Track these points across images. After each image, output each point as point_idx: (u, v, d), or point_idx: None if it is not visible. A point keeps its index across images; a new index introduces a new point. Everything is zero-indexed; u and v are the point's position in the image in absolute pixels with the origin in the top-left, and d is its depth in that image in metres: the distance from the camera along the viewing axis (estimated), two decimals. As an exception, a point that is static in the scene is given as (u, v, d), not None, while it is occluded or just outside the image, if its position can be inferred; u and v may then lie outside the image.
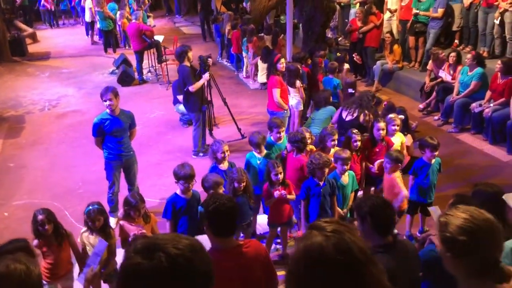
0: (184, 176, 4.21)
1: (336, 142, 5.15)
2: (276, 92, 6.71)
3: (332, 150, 5.10)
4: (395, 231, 4.80)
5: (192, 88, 6.86)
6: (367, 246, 1.38)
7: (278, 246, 5.14)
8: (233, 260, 2.63)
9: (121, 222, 4.29)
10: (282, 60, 6.86)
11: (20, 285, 1.74)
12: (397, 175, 4.82)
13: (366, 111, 5.69)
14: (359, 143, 5.16)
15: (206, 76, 7.07)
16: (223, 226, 2.68)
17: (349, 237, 1.35)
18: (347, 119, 5.78)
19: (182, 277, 1.22)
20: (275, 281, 2.86)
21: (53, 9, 19.58)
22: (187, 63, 6.99)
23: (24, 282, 1.74)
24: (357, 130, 5.40)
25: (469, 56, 7.86)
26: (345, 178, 4.76)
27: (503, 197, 2.74)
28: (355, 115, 5.70)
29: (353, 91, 7.03)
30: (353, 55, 10.43)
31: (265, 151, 5.16)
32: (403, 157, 4.85)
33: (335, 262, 1.30)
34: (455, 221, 1.82)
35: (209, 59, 7.22)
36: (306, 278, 1.34)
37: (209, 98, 7.41)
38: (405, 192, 4.77)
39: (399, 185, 4.76)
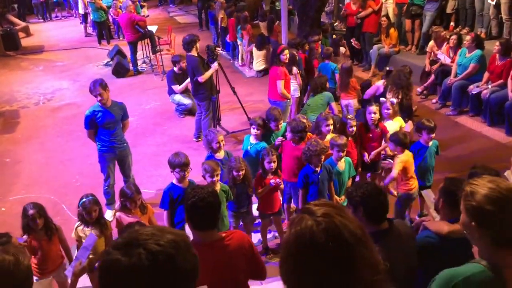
0: (179, 164, 4.18)
1: (331, 127, 5.10)
2: (281, 84, 6.62)
3: (328, 136, 5.05)
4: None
5: (202, 78, 6.76)
6: (360, 227, 1.36)
7: (276, 234, 5.11)
8: (214, 253, 2.59)
9: (118, 213, 4.26)
10: (286, 51, 6.74)
11: (9, 276, 1.71)
12: (402, 158, 4.74)
13: (406, 91, 5.78)
14: (354, 129, 5.11)
15: (215, 65, 6.96)
16: (202, 220, 2.65)
17: (340, 220, 1.32)
18: (392, 100, 5.74)
19: (163, 275, 1.17)
20: (261, 272, 2.83)
21: (46, 1, 19.37)
22: (194, 53, 6.87)
23: (12, 273, 1.72)
24: (352, 116, 5.35)
25: (468, 38, 7.77)
26: (341, 165, 4.71)
27: (505, 174, 2.70)
28: (399, 97, 5.69)
29: (391, 69, 6.94)
30: (351, 40, 10.34)
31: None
32: (406, 138, 4.77)
33: (326, 248, 1.28)
34: (482, 190, 1.78)
35: (217, 49, 7.12)
36: (298, 264, 1.33)
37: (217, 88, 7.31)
38: (394, 173, 4.71)
39: (394, 167, 4.72)
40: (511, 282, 1.76)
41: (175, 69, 8.29)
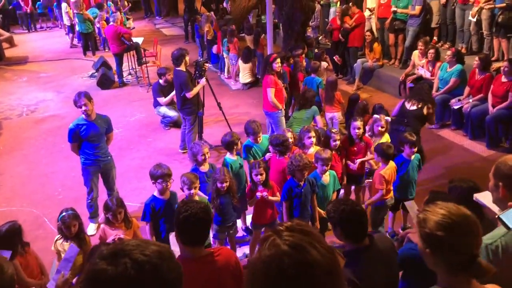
0: (161, 175, 4.18)
1: (313, 139, 5.15)
2: (271, 92, 6.63)
3: (312, 149, 5.10)
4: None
5: (190, 94, 6.76)
6: (332, 258, 1.32)
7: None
8: (202, 268, 2.59)
9: (102, 225, 4.23)
10: (278, 60, 6.77)
11: None
12: (383, 172, 4.79)
13: (429, 104, 5.83)
14: (338, 143, 5.16)
15: (203, 81, 6.98)
16: (193, 236, 2.62)
17: (310, 253, 1.27)
18: (411, 108, 5.84)
19: (148, 285, 1.19)
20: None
21: (31, 12, 19.23)
22: (183, 68, 6.87)
23: None
24: (336, 130, 5.41)
25: (449, 52, 7.95)
26: (326, 178, 4.74)
27: (475, 196, 2.75)
28: (419, 106, 5.78)
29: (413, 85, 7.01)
30: (334, 57, 10.49)
31: (237, 156, 5.08)
32: (389, 149, 4.83)
33: (294, 281, 1.25)
34: (434, 217, 1.83)
35: (206, 64, 7.12)
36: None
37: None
38: (379, 188, 4.78)
39: (378, 181, 4.77)
40: None
41: (161, 81, 8.29)
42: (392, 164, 4.84)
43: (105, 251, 1.24)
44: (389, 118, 5.94)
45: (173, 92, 7.89)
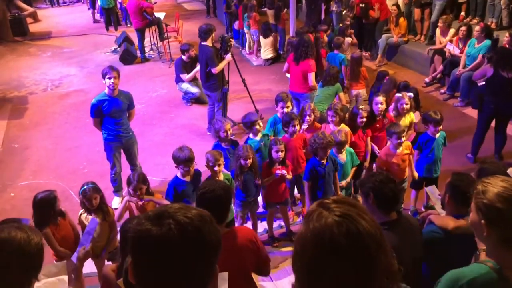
0: (183, 159, 4.17)
1: (335, 118, 5.11)
2: (313, 76, 6.51)
3: (335, 127, 5.07)
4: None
5: (215, 70, 6.70)
6: (379, 228, 1.32)
7: (282, 223, 5.15)
8: (223, 245, 2.62)
9: (126, 198, 4.29)
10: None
11: (18, 251, 1.82)
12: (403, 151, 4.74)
13: None
14: (365, 119, 5.09)
15: (228, 57, 6.92)
16: (215, 214, 2.64)
17: (361, 223, 1.28)
18: (510, 76, 5.69)
19: (191, 245, 1.23)
20: (265, 267, 2.87)
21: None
22: (209, 43, 6.79)
23: (22, 249, 1.82)
24: (364, 106, 5.33)
25: (477, 28, 7.69)
26: (343, 157, 4.72)
27: (508, 171, 2.69)
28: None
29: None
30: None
31: (260, 135, 5.05)
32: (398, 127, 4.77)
33: (346, 252, 1.25)
34: (494, 188, 1.79)
35: (231, 40, 7.06)
36: (313, 264, 1.30)
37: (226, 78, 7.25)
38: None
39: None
40: None
41: (184, 57, 8.27)
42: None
43: (151, 213, 1.30)
44: (411, 95, 5.80)
45: (196, 69, 7.88)
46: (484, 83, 7.25)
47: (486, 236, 1.82)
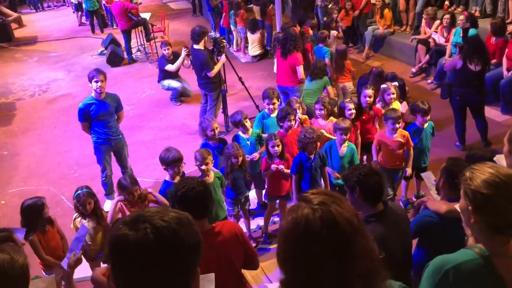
0: (172, 160, 4.17)
1: (323, 111, 5.13)
2: (301, 69, 6.51)
3: (324, 121, 5.08)
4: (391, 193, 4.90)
5: (211, 73, 6.66)
6: (356, 215, 1.37)
7: (275, 219, 5.16)
8: (207, 242, 2.61)
9: (116, 199, 4.28)
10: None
11: (1, 275, 1.74)
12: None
13: (487, 58, 5.78)
14: (353, 111, 5.11)
15: (223, 58, 6.87)
16: (193, 210, 2.64)
17: (336, 209, 1.33)
18: (477, 69, 5.68)
19: (168, 249, 1.23)
20: (253, 260, 2.87)
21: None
22: (202, 46, 6.71)
23: (5, 273, 1.74)
24: (349, 99, 5.36)
25: (461, 17, 7.73)
26: (343, 150, 4.71)
27: (495, 158, 2.72)
28: (482, 64, 5.66)
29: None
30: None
31: (251, 130, 5.07)
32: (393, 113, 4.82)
33: (321, 235, 1.29)
34: (482, 175, 1.80)
35: (224, 41, 7.03)
36: (294, 251, 1.34)
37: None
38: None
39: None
40: (503, 271, 1.77)
41: (165, 53, 8.37)
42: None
43: (128, 218, 1.30)
44: (396, 83, 5.84)
45: (181, 58, 7.97)
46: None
47: (473, 222, 1.83)
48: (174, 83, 8.53)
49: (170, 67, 8.28)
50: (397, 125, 4.67)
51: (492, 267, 1.77)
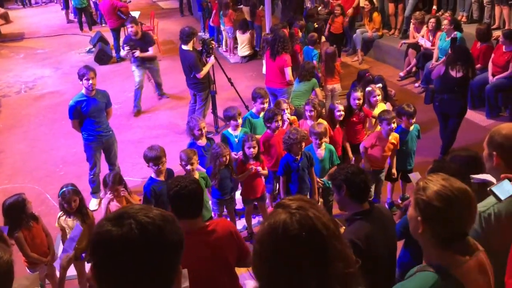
0: (152, 157, 4.18)
1: (313, 113, 5.15)
2: (289, 71, 6.54)
3: (312, 122, 5.11)
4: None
5: (200, 75, 6.63)
6: (333, 221, 1.39)
7: (261, 219, 5.17)
8: (199, 239, 2.64)
9: (107, 197, 4.26)
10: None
11: None
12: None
13: (472, 66, 5.76)
14: (342, 113, 5.15)
15: (212, 60, 6.86)
16: (186, 209, 2.67)
17: (313, 213, 1.35)
18: (458, 76, 5.66)
19: (152, 245, 1.23)
20: (247, 257, 2.87)
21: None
22: (190, 47, 6.65)
23: None
24: (338, 101, 5.41)
25: (445, 22, 7.83)
26: (321, 152, 4.75)
27: (472, 178, 2.73)
28: (464, 71, 5.63)
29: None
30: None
31: (240, 128, 5.09)
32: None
33: (299, 238, 1.30)
34: (434, 186, 1.81)
35: (212, 42, 7.01)
36: (270, 256, 1.34)
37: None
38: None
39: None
40: (465, 279, 1.78)
41: (130, 31, 7.95)
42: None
43: (111, 215, 1.29)
44: (380, 85, 5.90)
45: (149, 53, 7.85)
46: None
47: (420, 233, 1.85)
48: (136, 73, 8.10)
49: (136, 53, 7.71)
50: (393, 125, 4.75)
51: (454, 281, 1.78)
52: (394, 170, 5.02)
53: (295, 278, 1.31)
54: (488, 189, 2.33)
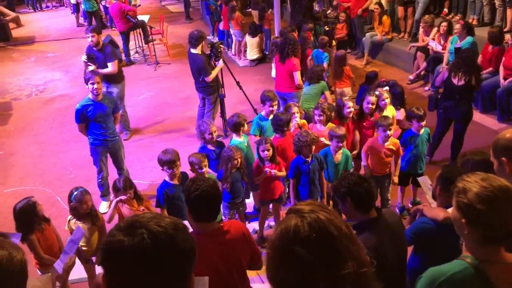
0: (167, 161, 4.17)
1: (322, 117, 5.12)
2: (298, 75, 6.50)
3: (322, 126, 5.09)
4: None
5: (209, 78, 6.63)
6: (345, 223, 1.38)
7: (271, 223, 5.16)
8: (214, 241, 2.64)
9: (116, 199, 4.27)
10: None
11: (0, 270, 1.71)
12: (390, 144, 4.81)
13: (476, 74, 5.65)
14: (352, 109, 5.13)
15: (220, 63, 6.85)
16: (205, 213, 2.67)
17: (325, 215, 1.35)
18: (460, 84, 5.63)
19: (165, 254, 1.21)
20: (258, 259, 2.87)
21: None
22: (199, 51, 6.64)
23: (4, 269, 1.72)
24: (347, 97, 5.38)
25: (457, 26, 7.78)
26: (338, 157, 4.71)
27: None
28: (466, 79, 5.58)
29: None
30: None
31: (243, 137, 5.05)
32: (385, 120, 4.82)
33: (310, 239, 1.30)
34: (473, 188, 1.79)
35: (221, 46, 7.01)
36: (283, 259, 1.34)
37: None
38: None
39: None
40: (495, 277, 1.77)
41: (90, 42, 6.93)
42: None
43: (122, 224, 1.28)
44: (387, 88, 5.87)
45: (107, 69, 6.86)
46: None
47: (466, 233, 1.84)
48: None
49: (98, 68, 6.73)
50: (389, 132, 4.68)
51: (483, 276, 1.78)
52: (395, 178, 4.97)
53: (307, 280, 1.30)
54: None
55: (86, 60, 6.79)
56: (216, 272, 2.55)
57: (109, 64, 6.90)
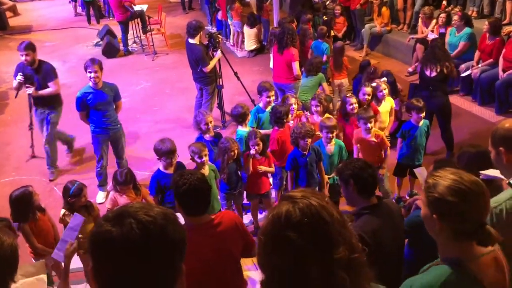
0: (165, 151, 4.17)
1: (319, 108, 5.10)
2: (297, 65, 6.49)
3: (320, 118, 5.07)
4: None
5: (207, 69, 6.60)
6: (336, 209, 1.38)
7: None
8: (205, 234, 2.63)
9: (112, 193, 4.28)
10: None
11: None
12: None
13: (446, 63, 5.65)
14: (355, 106, 5.10)
15: (218, 54, 6.82)
16: (194, 207, 2.66)
17: (317, 201, 1.34)
18: (433, 75, 5.65)
19: (154, 245, 1.19)
20: (252, 247, 2.86)
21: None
22: (197, 41, 6.60)
23: None
24: (351, 93, 5.37)
25: (456, 17, 7.75)
26: (330, 148, 4.70)
27: (481, 174, 2.67)
28: (438, 70, 5.60)
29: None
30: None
31: (248, 127, 5.05)
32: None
33: (301, 224, 1.30)
34: (444, 182, 1.77)
35: (219, 36, 6.97)
36: (274, 245, 1.33)
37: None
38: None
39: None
40: (480, 273, 1.75)
41: (25, 61, 5.98)
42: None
43: (110, 214, 1.25)
44: (385, 79, 5.85)
45: (30, 91, 5.96)
46: (469, 73, 7.35)
47: (438, 230, 1.81)
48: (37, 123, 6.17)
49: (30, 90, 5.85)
50: (369, 125, 4.66)
51: (468, 273, 1.75)
52: (382, 170, 4.84)
53: (299, 266, 1.29)
54: (507, 182, 2.28)
55: (22, 80, 5.79)
56: (208, 265, 2.55)
57: (50, 84, 5.90)
